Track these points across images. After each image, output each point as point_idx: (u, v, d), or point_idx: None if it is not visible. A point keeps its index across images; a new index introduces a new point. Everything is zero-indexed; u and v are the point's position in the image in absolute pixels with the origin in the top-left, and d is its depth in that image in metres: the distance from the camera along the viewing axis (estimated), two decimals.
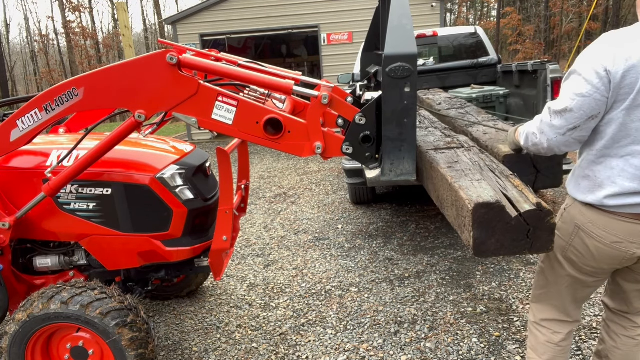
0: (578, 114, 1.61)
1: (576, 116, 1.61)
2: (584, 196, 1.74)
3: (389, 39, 1.84)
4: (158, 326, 3.43)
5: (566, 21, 25.15)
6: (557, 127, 1.66)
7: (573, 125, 1.63)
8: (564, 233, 1.84)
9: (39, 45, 35.82)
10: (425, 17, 11.89)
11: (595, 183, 1.70)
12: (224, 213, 2.48)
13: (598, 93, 1.58)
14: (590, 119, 1.62)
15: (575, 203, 1.80)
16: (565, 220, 1.84)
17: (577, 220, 1.78)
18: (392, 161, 1.91)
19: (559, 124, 1.65)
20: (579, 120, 1.62)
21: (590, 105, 1.59)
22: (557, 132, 1.66)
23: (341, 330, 3.23)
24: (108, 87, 2.09)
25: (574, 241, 1.81)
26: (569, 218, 1.82)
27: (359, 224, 5.33)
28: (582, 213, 1.76)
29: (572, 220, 1.81)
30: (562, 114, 1.63)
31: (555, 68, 4.80)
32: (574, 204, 1.80)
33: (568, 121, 1.63)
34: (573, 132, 1.65)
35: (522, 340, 2.93)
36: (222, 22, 12.56)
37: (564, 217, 1.85)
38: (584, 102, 1.59)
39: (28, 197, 2.46)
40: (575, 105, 1.60)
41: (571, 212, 1.81)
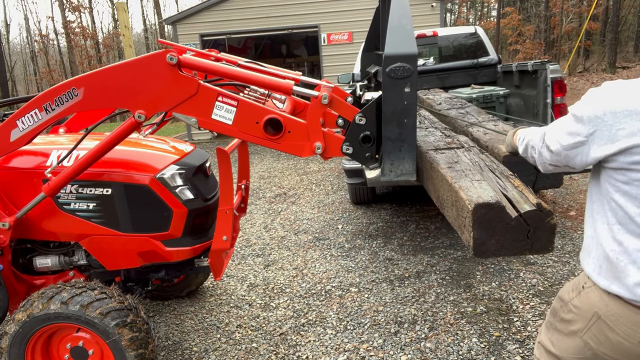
0: (556, 157, 1.48)
1: (557, 159, 1.49)
2: (607, 283, 1.42)
3: (389, 39, 1.84)
4: (158, 326, 3.43)
5: (566, 21, 25.13)
6: (544, 157, 1.53)
7: (555, 165, 1.52)
8: (580, 316, 1.52)
9: (39, 45, 35.81)
10: (425, 17, 11.88)
11: (618, 267, 1.39)
12: (224, 213, 2.48)
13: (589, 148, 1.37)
14: (567, 166, 1.49)
15: (595, 286, 1.48)
16: (582, 302, 1.52)
17: (597, 308, 1.47)
18: (392, 161, 1.91)
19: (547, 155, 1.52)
20: (560, 163, 1.49)
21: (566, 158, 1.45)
22: (544, 161, 1.55)
23: (341, 330, 3.23)
24: (108, 87, 2.09)
25: (592, 328, 1.50)
26: (587, 301, 1.50)
27: (359, 224, 5.33)
28: (604, 302, 1.44)
29: (591, 305, 1.49)
30: (547, 149, 1.51)
31: (555, 68, 4.80)
32: (593, 287, 1.48)
33: (549, 159, 1.51)
34: (555, 168, 1.54)
35: (522, 340, 2.93)
36: (222, 22, 12.56)
37: (582, 297, 1.52)
38: (560, 154, 1.46)
39: (28, 197, 2.46)
40: (555, 149, 1.47)
41: (591, 296, 1.49)
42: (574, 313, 1.54)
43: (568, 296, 1.59)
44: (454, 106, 3.78)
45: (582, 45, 23.12)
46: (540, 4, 27.40)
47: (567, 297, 1.59)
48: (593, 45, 25.40)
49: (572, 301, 1.55)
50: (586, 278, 1.51)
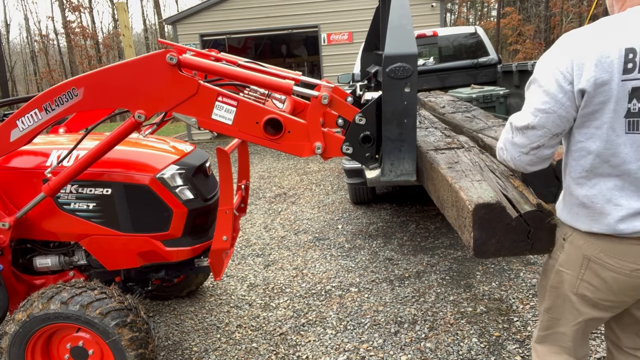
0: (541, 131, 1.42)
1: (539, 134, 1.43)
2: (588, 226, 1.46)
3: (389, 39, 1.84)
4: (158, 326, 3.43)
5: (566, 21, 25.13)
6: (519, 145, 1.47)
7: (537, 144, 1.44)
8: (570, 267, 1.54)
9: (39, 45, 35.82)
10: (425, 17, 11.89)
11: (594, 210, 1.44)
12: (224, 213, 2.47)
13: (563, 108, 1.39)
14: (554, 136, 1.43)
15: (575, 232, 1.51)
16: (569, 252, 1.54)
17: (584, 251, 1.49)
18: (392, 161, 1.91)
19: (521, 142, 1.46)
20: (543, 138, 1.43)
21: (554, 122, 1.40)
22: (519, 150, 1.47)
23: (341, 330, 3.23)
24: (108, 87, 2.09)
25: (585, 275, 1.52)
26: (573, 250, 1.52)
27: (359, 224, 5.33)
28: (590, 242, 1.48)
29: (578, 251, 1.51)
30: (524, 131, 1.45)
31: None
32: (575, 234, 1.51)
33: (530, 139, 1.44)
34: (537, 150, 1.46)
35: (522, 340, 2.93)
36: (222, 22, 12.57)
37: (566, 249, 1.54)
38: (547, 118, 1.40)
39: (28, 197, 2.46)
40: (537, 122, 1.41)
41: (575, 242, 1.52)
42: (564, 270, 1.56)
43: (552, 262, 1.60)
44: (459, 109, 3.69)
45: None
46: (540, 4, 27.40)
47: (552, 262, 1.60)
48: None
49: (559, 259, 1.56)
50: (565, 229, 1.54)
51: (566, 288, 1.57)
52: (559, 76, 1.38)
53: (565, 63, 1.37)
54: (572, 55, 1.36)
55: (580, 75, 1.34)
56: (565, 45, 1.41)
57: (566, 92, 1.37)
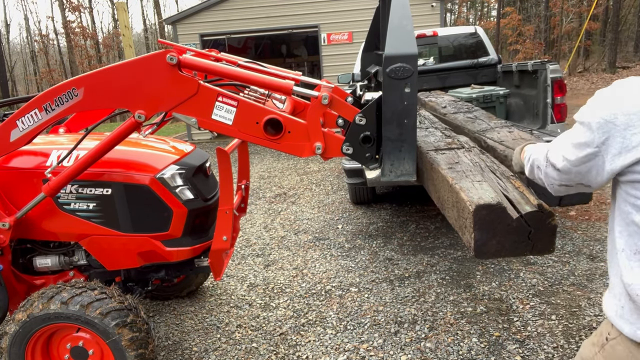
0: (566, 176, 1.28)
1: (566, 178, 1.28)
2: (633, 328, 1.18)
3: (389, 40, 1.84)
4: (158, 326, 3.43)
5: (566, 21, 25.15)
6: (552, 177, 1.33)
7: (566, 184, 1.30)
8: None
9: (39, 45, 35.80)
10: (425, 17, 11.88)
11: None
12: (224, 213, 2.47)
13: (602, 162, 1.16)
14: (581, 185, 1.27)
15: (620, 338, 1.23)
16: (608, 357, 1.29)
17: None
18: (392, 162, 1.91)
19: (553, 176, 1.32)
20: (570, 182, 1.28)
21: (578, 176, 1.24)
22: (552, 182, 1.34)
23: (341, 330, 3.23)
24: (108, 87, 2.09)
25: None
26: (614, 356, 1.26)
27: (359, 224, 5.33)
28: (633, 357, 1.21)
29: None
30: (553, 168, 1.30)
31: (555, 68, 4.80)
32: (619, 339, 1.23)
33: (558, 178, 1.30)
34: (568, 189, 1.31)
35: (522, 340, 2.93)
36: (222, 22, 12.56)
37: (606, 351, 1.28)
38: (570, 171, 1.25)
39: (28, 197, 2.46)
40: (562, 167, 1.26)
41: (618, 350, 1.25)
42: None
43: (589, 352, 1.36)
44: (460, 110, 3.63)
45: (582, 45, 23.13)
46: (540, 4, 27.40)
47: (589, 354, 1.36)
48: (593, 45, 25.40)
49: (596, 357, 1.31)
50: (609, 327, 1.27)
51: None
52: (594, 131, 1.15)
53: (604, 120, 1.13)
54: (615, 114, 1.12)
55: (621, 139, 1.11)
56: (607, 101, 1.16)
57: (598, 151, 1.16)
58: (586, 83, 18.97)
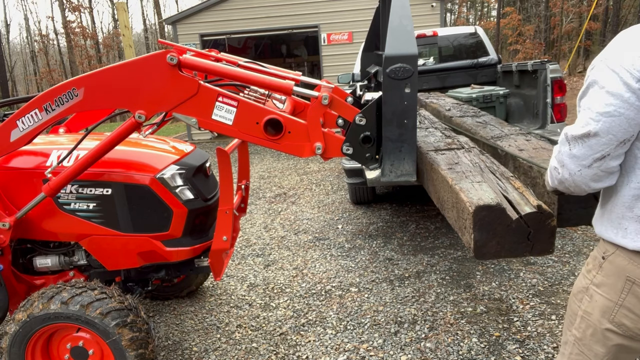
0: (605, 138, 1.22)
1: (603, 142, 1.23)
2: (635, 242, 1.29)
3: (389, 40, 1.84)
4: (158, 326, 3.43)
5: (566, 21, 25.14)
6: (579, 158, 1.27)
7: (601, 154, 1.24)
8: (609, 290, 1.36)
9: (39, 45, 35.81)
10: (425, 17, 11.89)
11: None
12: (224, 213, 2.48)
13: (632, 109, 1.19)
14: (621, 143, 1.23)
15: (619, 250, 1.34)
16: (608, 273, 1.36)
17: (629, 272, 1.31)
18: (392, 162, 1.91)
19: (582, 153, 1.26)
20: (608, 146, 1.23)
21: (621, 126, 1.20)
22: (580, 163, 1.28)
23: (341, 330, 3.23)
24: (108, 87, 2.09)
25: (626, 300, 1.33)
26: (613, 270, 1.35)
27: (359, 224, 5.33)
28: (636, 265, 1.30)
29: (620, 272, 1.33)
30: (585, 139, 1.25)
31: (555, 68, 4.81)
32: (618, 252, 1.34)
33: (593, 149, 1.24)
34: (602, 162, 1.25)
35: (522, 340, 2.93)
36: (222, 22, 12.57)
37: (604, 268, 1.37)
38: (612, 122, 1.20)
39: (28, 197, 2.46)
40: (601, 128, 1.22)
41: (617, 262, 1.34)
42: (600, 293, 1.36)
43: (585, 281, 1.43)
44: (467, 113, 3.48)
45: (582, 45, 23.12)
46: (540, 4, 27.40)
47: (585, 282, 1.43)
48: (593, 45, 25.38)
49: (594, 280, 1.38)
50: (605, 246, 1.37)
51: (600, 314, 1.38)
52: (624, 74, 1.19)
53: (629, 59, 1.19)
54: (638, 50, 1.19)
55: None
56: (624, 42, 1.23)
57: (635, 91, 1.17)
58: None
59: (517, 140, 2.36)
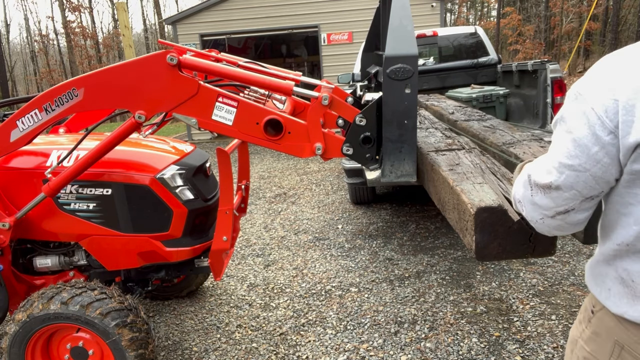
0: (568, 193, 1.06)
1: (566, 196, 1.06)
2: (621, 309, 1.12)
3: (389, 40, 1.84)
4: (158, 326, 3.43)
5: (566, 21, 25.15)
6: (541, 207, 1.12)
7: (564, 208, 1.08)
8: (598, 350, 1.19)
9: (39, 45, 35.80)
10: (425, 17, 11.89)
11: (635, 291, 1.08)
12: (224, 213, 2.47)
13: (598, 166, 1.00)
14: (588, 199, 1.07)
15: (606, 309, 1.17)
16: (597, 331, 1.20)
17: (616, 335, 1.15)
18: (392, 162, 1.91)
19: (544, 203, 1.11)
20: (572, 201, 1.07)
21: (586, 182, 1.03)
22: (542, 212, 1.13)
23: (341, 330, 3.23)
24: (108, 87, 2.09)
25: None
26: (602, 329, 1.18)
27: (359, 224, 5.33)
28: (624, 329, 1.13)
29: (608, 334, 1.17)
30: (546, 190, 1.09)
31: (555, 68, 4.81)
32: (605, 310, 1.17)
33: (555, 202, 1.09)
34: (566, 215, 1.10)
35: (522, 340, 2.93)
36: (222, 22, 12.56)
37: (593, 324, 1.21)
38: (576, 177, 1.03)
39: (28, 198, 2.46)
40: (563, 182, 1.05)
41: (605, 321, 1.18)
42: (588, 351, 1.21)
43: (577, 331, 1.29)
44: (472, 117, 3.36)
45: (582, 45, 23.13)
46: (540, 4, 27.40)
47: (576, 333, 1.29)
48: (593, 45, 25.40)
49: (583, 334, 1.24)
50: (594, 300, 1.21)
51: None
52: (594, 120, 0.97)
53: (604, 102, 0.96)
54: (617, 91, 0.95)
55: (630, 122, 0.93)
56: (605, 75, 0.99)
57: (604, 145, 0.97)
58: None
59: (531, 147, 2.20)
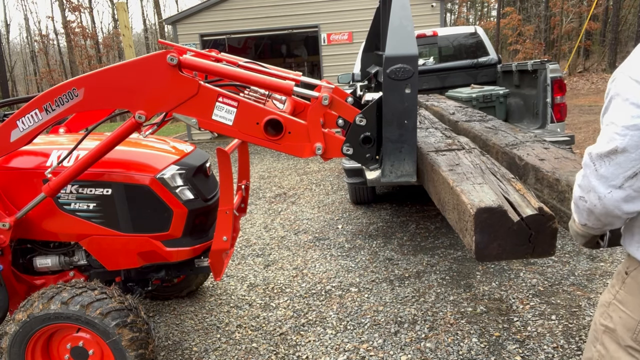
0: (635, 153, 1.11)
1: (633, 157, 1.11)
2: None
3: (389, 40, 1.84)
4: (158, 326, 3.43)
5: (566, 21, 25.15)
6: (608, 178, 1.16)
7: (632, 171, 1.12)
8: (632, 307, 1.27)
9: (39, 45, 35.79)
10: (425, 17, 11.89)
11: None
12: (224, 213, 2.48)
13: None
14: None
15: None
16: (631, 290, 1.27)
17: None
18: (392, 162, 1.91)
19: (610, 172, 1.15)
20: (638, 162, 1.12)
21: None
22: (609, 184, 1.16)
23: (341, 330, 3.23)
24: (108, 87, 2.09)
25: None
26: (636, 287, 1.26)
27: (359, 224, 5.33)
28: None
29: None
30: (612, 157, 1.14)
31: (555, 67, 4.81)
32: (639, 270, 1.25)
33: (622, 166, 1.13)
34: (634, 180, 1.13)
35: (522, 340, 2.93)
36: (222, 22, 12.56)
37: (627, 285, 1.29)
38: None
39: (28, 198, 2.46)
40: (628, 142, 1.11)
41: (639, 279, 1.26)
42: (622, 309, 1.28)
43: (609, 295, 1.36)
44: (473, 118, 3.36)
45: (582, 45, 23.13)
46: (540, 4, 27.40)
47: (608, 296, 1.36)
48: (593, 45, 25.40)
49: (617, 296, 1.31)
50: (629, 261, 1.28)
51: (622, 332, 1.30)
52: None
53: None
54: None
55: None
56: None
57: None
58: (586, 83, 18.99)
59: (534, 149, 2.18)
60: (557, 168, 1.83)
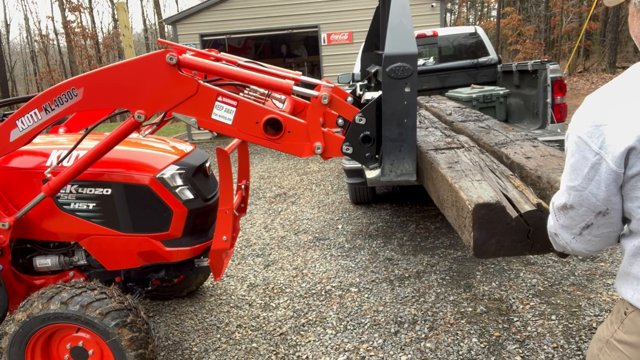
0: (581, 210, 1.18)
1: (580, 213, 1.18)
2: None
3: (389, 39, 1.84)
4: (158, 326, 3.43)
5: (566, 21, 25.14)
6: (568, 227, 1.24)
7: (584, 223, 1.20)
8: (632, 350, 1.24)
9: (39, 45, 35.81)
10: (425, 17, 11.88)
11: None
12: (224, 213, 2.48)
13: (595, 185, 1.13)
14: (599, 214, 1.17)
15: (638, 311, 1.24)
16: (630, 331, 1.25)
17: None
18: (392, 161, 1.91)
19: (567, 223, 1.23)
20: (587, 216, 1.18)
21: (589, 200, 1.15)
22: (571, 232, 1.24)
23: (341, 330, 3.23)
24: (108, 87, 2.09)
25: None
26: (635, 330, 1.23)
27: (359, 224, 5.33)
28: None
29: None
30: (564, 211, 1.22)
31: (555, 68, 4.81)
32: (637, 311, 1.24)
33: (575, 220, 1.21)
34: (590, 229, 1.20)
35: (522, 340, 2.92)
36: (222, 22, 12.56)
37: (626, 325, 1.26)
38: (580, 196, 1.16)
39: (28, 197, 2.46)
40: (573, 201, 1.18)
41: (637, 322, 1.24)
42: (621, 350, 1.27)
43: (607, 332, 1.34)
44: (469, 118, 3.40)
45: (582, 45, 23.13)
46: (540, 4, 27.40)
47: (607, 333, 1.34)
48: (593, 45, 25.39)
49: (616, 335, 1.29)
50: (627, 304, 1.26)
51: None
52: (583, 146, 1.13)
53: (588, 128, 1.13)
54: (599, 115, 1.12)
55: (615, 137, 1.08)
56: (592, 104, 1.16)
57: (593, 165, 1.12)
58: (586, 83, 18.98)
59: (523, 147, 2.22)
60: (541, 166, 1.86)
